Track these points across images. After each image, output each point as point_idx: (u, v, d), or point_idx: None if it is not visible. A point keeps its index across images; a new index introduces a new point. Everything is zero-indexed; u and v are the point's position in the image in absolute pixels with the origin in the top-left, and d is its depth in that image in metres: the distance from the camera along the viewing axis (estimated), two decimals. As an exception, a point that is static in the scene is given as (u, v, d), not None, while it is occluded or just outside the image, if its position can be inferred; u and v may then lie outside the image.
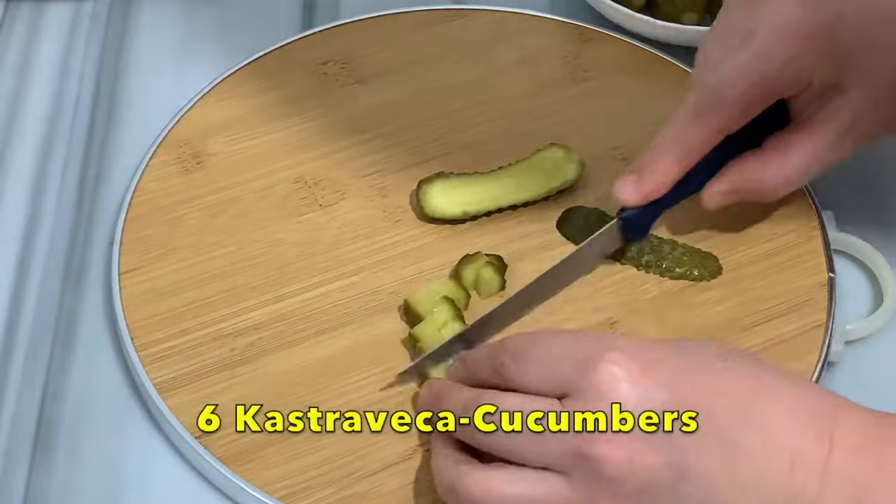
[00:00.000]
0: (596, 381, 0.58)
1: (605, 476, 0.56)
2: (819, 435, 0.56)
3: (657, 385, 0.57)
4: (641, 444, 0.56)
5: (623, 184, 0.71)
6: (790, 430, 0.56)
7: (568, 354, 0.59)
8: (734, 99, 0.68)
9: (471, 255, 0.73)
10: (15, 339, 0.72)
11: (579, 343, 0.60)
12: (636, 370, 0.58)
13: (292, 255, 0.74)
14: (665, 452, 0.56)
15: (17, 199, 0.78)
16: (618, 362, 0.58)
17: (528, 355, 0.61)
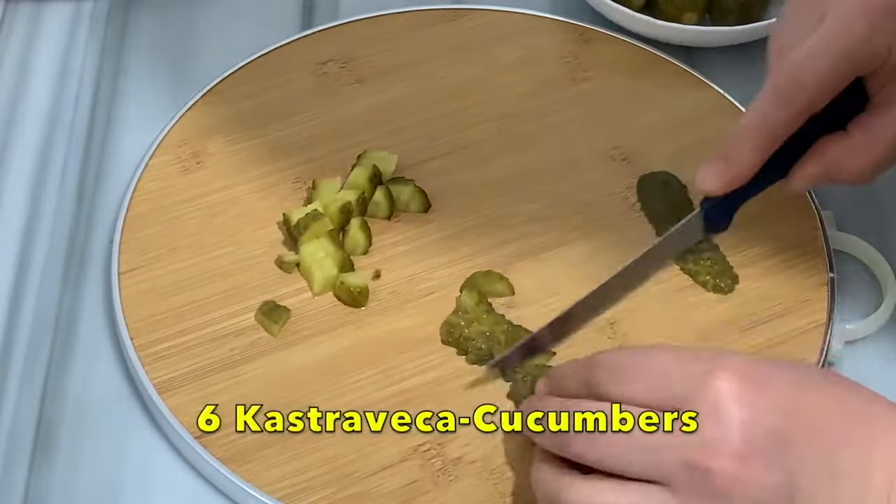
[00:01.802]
0: (710, 397, 0.57)
1: (715, 490, 0.56)
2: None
3: (770, 407, 0.57)
4: (754, 460, 0.56)
5: (707, 171, 0.69)
6: (892, 456, 0.56)
7: (676, 369, 0.59)
8: (815, 79, 0.67)
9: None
10: (15, 339, 0.72)
11: (685, 358, 0.59)
12: (749, 388, 0.57)
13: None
14: (777, 471, 0.56)
15: (17, 198, 0.78)
16: (732, 380, 0.57)
17: (628, 370, 0.60)
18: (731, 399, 0.57)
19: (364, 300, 0.72)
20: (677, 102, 0.83)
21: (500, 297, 0.72)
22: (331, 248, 0.73)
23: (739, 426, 0.56)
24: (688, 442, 0.57)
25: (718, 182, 0.69)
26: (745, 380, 0.57)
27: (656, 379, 0.59)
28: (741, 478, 0.56)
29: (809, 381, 0.59)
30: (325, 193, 0.75)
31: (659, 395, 0.58)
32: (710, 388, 0.57)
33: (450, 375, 0.69)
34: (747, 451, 0.56)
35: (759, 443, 0.56)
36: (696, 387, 0.57)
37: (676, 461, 0.57)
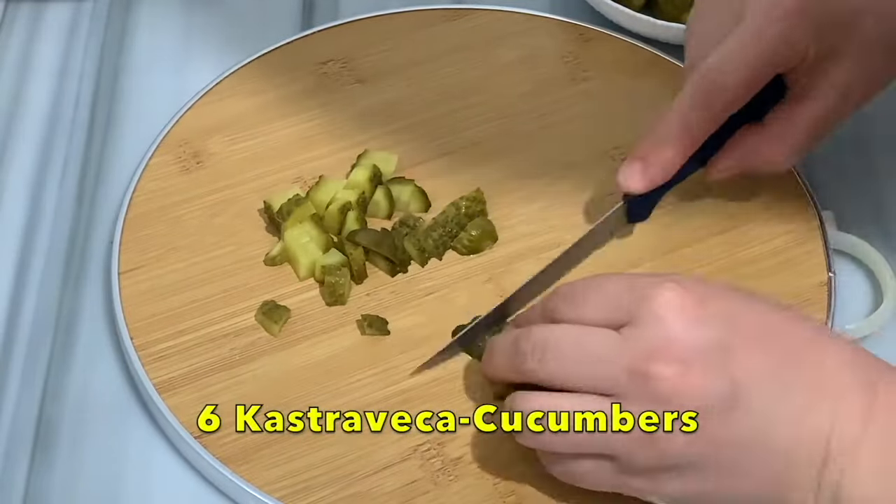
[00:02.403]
0: (654, 308, 0.58)
1: (658, 395, 0.57)
2: (865, 384, 0.57)
3: (713, 317, 0.58)
4: (696, 366, 0.57)
5: (628, 172, 0.72)
6: (838, 375, 0.57)
7: (625, 288, 0.60)
8: (734, 82, 0.69)
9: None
10: (15, 339, 0.72)
11: (635, 279, 0.61)
12: (693, 299, 0.58)
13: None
14: (719, 378, 0.57)
15: (17, 198, 0.78)
16: (676, 291, 0.58)
17: (582, 295, 0.61)
18: (674, 308, 0.58)
19: (340, 287, 0.72)
20: (677, 102, 0.83)
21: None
22: (314, 231, 0.73)
23: (679, 333, 0.57)
24: (631, 350, 0.58)
25: (640, 183, 0.72)
26: (688, 292, 0.58)
27: (607, 297, 0.60)
28: (683, 383, 0.57)
29: (756, 303, 0.60)
30: (324, 191, 0.75)
31: (608, 312, 0.60)
32: (655, 299, 0.58)
33: (450, 375, 0.69)
34: (689, 357, 0.57)
35: (699, 349, 0.57)
36: (642, 298, 0.59)
37: (620, 369, 0.58)
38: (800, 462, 0.57)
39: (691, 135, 0.71)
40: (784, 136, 0.72)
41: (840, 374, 0.57)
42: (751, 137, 0.72)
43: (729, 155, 0.72)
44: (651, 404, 0.57)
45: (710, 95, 0.69)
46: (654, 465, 0.58)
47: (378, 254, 0.73)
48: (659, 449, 0.58)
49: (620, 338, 0.58)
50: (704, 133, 0.71)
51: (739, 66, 0.69)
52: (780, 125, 0.72)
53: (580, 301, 0.61)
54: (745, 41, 0.68)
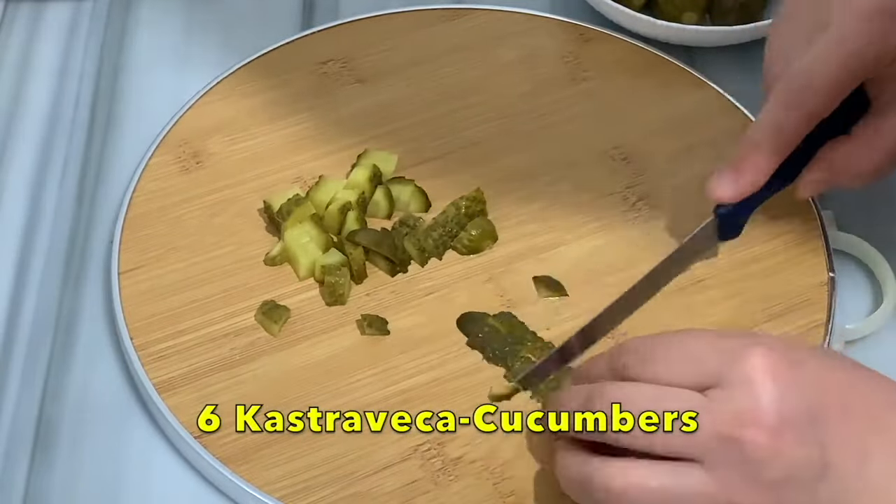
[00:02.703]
0: (745, 371, 0.57)
1: (748, 460, 0.56)
2: None
3: (804, 383, 0.57)
4: (787, 433, 0.56)
5: (719, 180, 0.70)
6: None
7: (709, 349, 0.59)
8: (824, 84, 0.68)
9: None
10: (15, 339, 0.72)
11: (719, 338, 0.59)
12: (784, 365, 0.57)
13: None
14: (809, 445, 0.56)
15: (17, 198, 0.78)
16: (766, 355, 0.57)
17: (656, 353, 0.59)
18: (764, 373, 0.57)
19: (339, 287, 0.71)
20: (677, 102, 0.83)
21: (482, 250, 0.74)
22: (314, 231, 0.73)
23: (773, 399, 0.56)
24: (721, 415, 0.56)
25: (732, 191, 0.70)
26: (779, 356, 0.57)
27: (688, 357, 0.59)
28: (774, 449, 0.56)
29: (839, 363, 0.59)
30: (324, 191, 0.75)
31: (690, 373, 0.58)
32: (745, 363, 0.57)
33: (450, 375, 0.69)
34: (780, 423, 0.56)
35: (792, 416, 0.56)
36: (730, 362, 0.57)
37: (709, 434, 0.56)
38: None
39: (782, 139, 0.70)
40: (873, 147, 0.71)
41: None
42: (839, 150, 0.71)
43: (818, 168, 0.71)
44: (741, 472, 0.56)
45: (800, 98, 0.68)
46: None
47: (378, 254, 0.73)
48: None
49: (707, 401, 0.57)
50: (795, 137, 0.70)
51: (828, 68, 0.68)
52: (868, 136, 0.71)
53: (658, 360, 0.59)
54: (833, 44, 0.68)
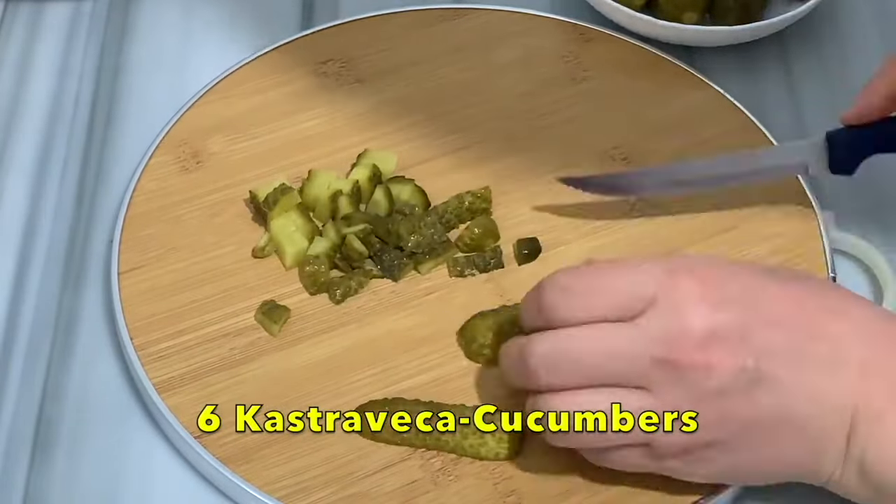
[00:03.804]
0: (672, 295, 0.58)
1: (684, 379, 0.58)
2: (887, 348, 0.58)
3: (731, 298, 0.59)
4: (716, 345, 0.58)
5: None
6: (858, 342, 0.58)
7: (634, 279, 0.60)
8: None
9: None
10: (14, 339, 0.72)
11: (642, 265, 0.61)
12: (712, 284, 0.59)
13: (292, 255, 0.74)
14: (742, 356, 0.58)
15: (17, 198, 0.78)
16: (693, 277, 0.59)
17: (580, 287, 0.60)
18: (692, 296, 0.58)
19: (321, 276, 0.72)
20: (677, 102, 0.83)
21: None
22: (300, 221, 0.73)
23: (700, 317, 0.58)
24: (652, 339, 0.58)
25: (851, 112, 0.72)
26: (704, 277, 0.59)
27: (614, 289, 0.60)
28: (707, 365, 0.58)
29: (770, 277, 0.61)
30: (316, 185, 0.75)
31: (618, 305, 0.59)
32: (672, 288, 0.59)
33: (450, 375, 0.69)
34: (710, 338, 0.58)
35: (720, 329, 0.58)
36: (656, 289, 0.59)
37: (645, 361, 0.58)
38: (826, 434, 0.58)
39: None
40: None
41: (859, 343, 0.58)
42: None
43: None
44: (681, 390, 0.58)
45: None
46: (686, 447, 0.60)
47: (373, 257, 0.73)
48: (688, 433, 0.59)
49: (640, 329, 0.59)
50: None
51: None
52: None
53: (583, 295, 0.60)
54: None
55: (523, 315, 0.63)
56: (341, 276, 0.73)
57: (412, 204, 0.75)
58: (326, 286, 0.72)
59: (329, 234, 0.73)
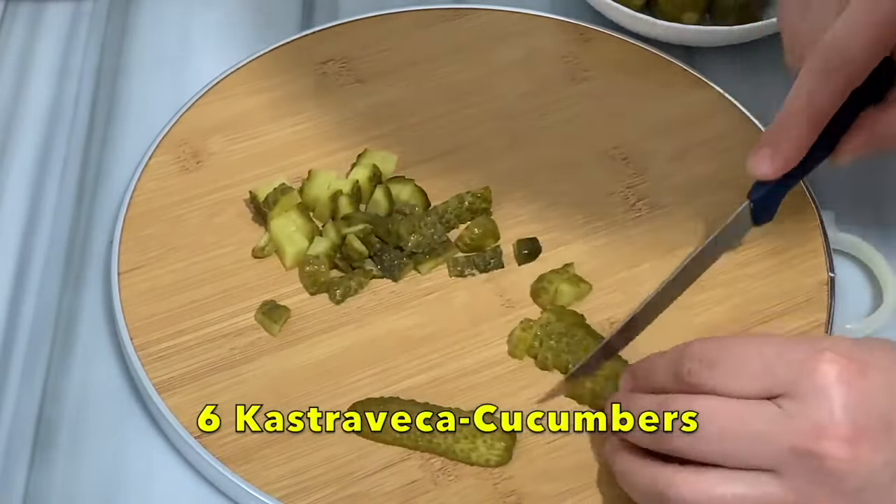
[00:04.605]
0: (816, 381, 0.57)
1: (825, 473, 0.56)
2: None
3: (876, 388, 0.57)
4: (863, 442, 0.56)
5: (757, 158, 0.69)
6: None
7: (776, 356, 0.58)
8: (860, 52, 0.67)
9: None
10: (14, 339, 0.72)
11: (785, 345, 0.59)
12: (854, 370, 0.57)
13: (292, 255, 0.74)
14: (886, 450, 0.56)
15: (17, 198, 0.78)
16: (836, 362, 0.57)
17: (725, 360, 0.59)
18: (836, 382, 0.56)
19: (321, 275, 0.72)
20: (677, 102, 0.83)
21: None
22: (300, 221, 0.73)
23: (847, 409, 0.56)
24: (796, 427, 0.56)
25: (771, 167, 0.69)
26: (849, 363, 0.57)
27: (758, 366, 0.58)
28: (851, 460, 0.56)
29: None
30: (316, 185, 0.75)
31: (762, 383, 0.58)
32: (815, 372, 0.57)
33: (450, 375, 0.69)
34: (856, 434, 0.56)
35: (867, 425, 0.56)
36: (800, 372, 0.57)
37: (785, 448, 0.56)
38: None
39: (818, 110, 0.68)
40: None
41: None
42: (875, 116, 0.70)
43: (857, 136, 0.70)
44: (818, 483, 0.56)
45: (833, 65, 0.67)
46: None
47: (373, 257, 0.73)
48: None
49: (782, 413, 0.57)
50: (831, 108, 0.69)
51: (862, 35, 0.67)
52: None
53: (726, 368, 0.59)
54: (863, 10, 0.67)
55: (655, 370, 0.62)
56: (341, 276, 0.73)
57: (412, 204, 0.75)
58: (326, 286, 0.72)
59: (329, 234, 0.73)
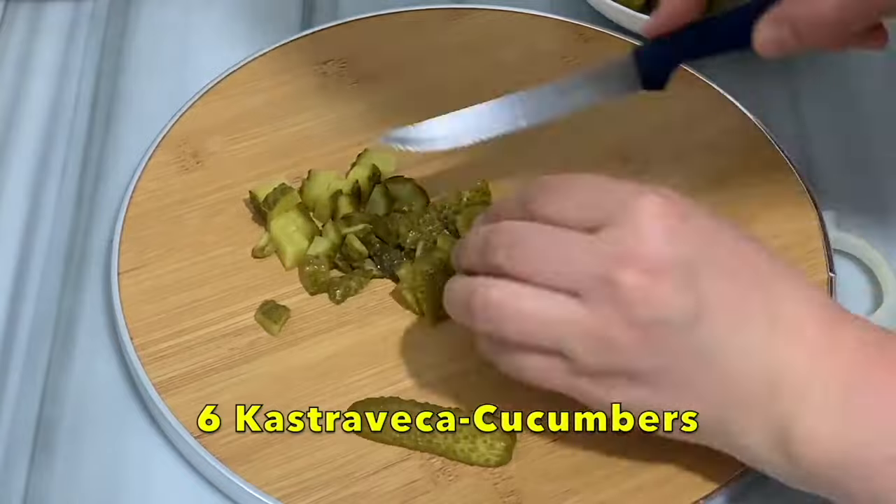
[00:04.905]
0: (634, 214, 0.58)
1: (620, 300, 0.57)
2: (823, 323, 0.58)
3: (690, 234, 0.58)
4: (664, 280, 0.57)
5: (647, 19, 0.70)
6: (798, 310, 0.58)
7: (608, 190, 0.60)
8: None
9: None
10: (14, 339, 0.72)
11: (618, 184, 0.60)
12: (675, 214, 0.58)
13: (292, 255, 0.74)
14: (685, 295, 0.57)
15: (17, 198, 0.78)
16: (657, 202, 0.58)
17: (562, 190, 0.61)
18: (652, 219, 0.58)
19: (321, 275, 0.72)
20: (677, 102, 0.82)
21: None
22: (300, 220, 0.73)
23: (655, 246, 0.58)
24: (603, 254, 0.58)
25: (651, 21, 0.69)
26: (672, 205, 0.59)
27: (589, 195, 0.60)
28: (648, 293, 0.57)
29: (729, 226, 0.61)
30: (317, 185, 0.75)
31: (588, 211, 0.59)
32: (635, 206, 0.58)
33: (450, 375, 0.69)
34: (658, 269, 0.57)
35: (672, 265, 0.57)
36: (624, 203, 0.59)
37: (590, 273, 0.58)
38: (749, 392, 0.58)
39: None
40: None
41: (798, 311, 0.58)
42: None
43: (772, 19, 0.66)
44: (614, 309, 0.57)
45: None
46: (604, 368, 0.59)
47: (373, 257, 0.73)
48: (612, 352, 0.58)
49: (594, 240, 0.58)
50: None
51: None
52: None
53: (561, 195, 0.60)
54: None
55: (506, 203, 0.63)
56: (341, 276, 0.73)
57: (410, 202, 0.75)
58: (326, 286, 0.72)
59: (329, 234, 0.73)
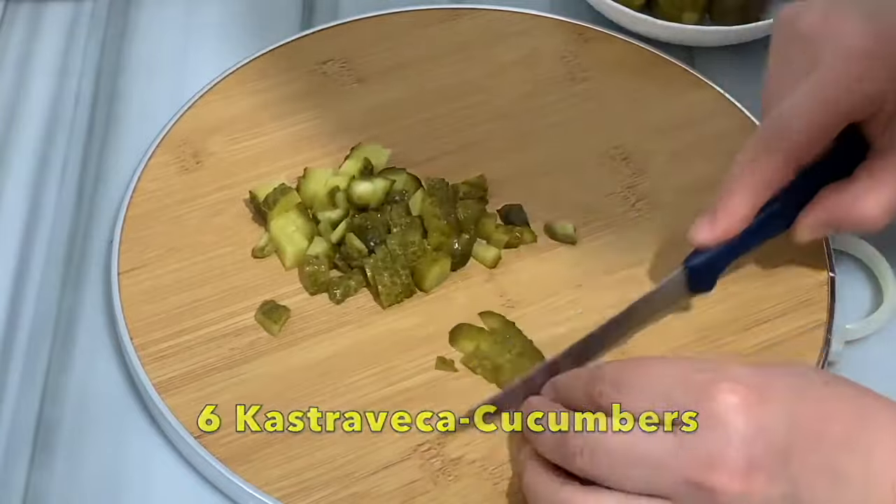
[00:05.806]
0: (713, 410, 0.57)
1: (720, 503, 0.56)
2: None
3: (774, 416, 0.57)
4: (757, 475, 0.56)
5: (697, 225, 0.69)
6: (893, 456, 0.56)
7: (679, 380, 0.58)
8: (802, 126, 0.67)
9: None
10: (14, 339, 0.72)
11: (690, 370, 0.59)
12: (751, 401, 0.57)
13: (292, 255, 0.74)
14: (780, 483, 0.56)
15: (17, 198, 0.78)
16: (734, 392, 0.57)
17: (631, 383, 0.59)
18: (733, 413, 0.57)
19: (321, 275, 0.72)
20: (677, 102, 0.83)
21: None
22: (300, 221, 0.73)
23: (742, 441, 0.56)
24: (691, 458, 0.57)
25: (708, 234, 0.68)
26: (747, 392, 0.57)
27: (659, 390, 0.59)
28: (743, 493, 0.56)
29: (809, 387, 0.59)
30: (313, 182, 0.75)
31: (662, 407, 0.58)
32: (713, 401, 0.57)
33: (450, 375, 0.69)
34: (750, 466, 0.56)
35: (762, 457, 0.56)
36: (698, 398, 0.57)
37: (679, 478, 0.57)
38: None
39: (760, 183, 0.68)
40: (872, 192, 0.68)
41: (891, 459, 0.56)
42: (837, 194, 0.68)
43: (816, 211, 0.69)
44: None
45: (777, 139, 0.67)
46: None
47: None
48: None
49: (677, 442, 0.57)
50: (773, 181, 0.68)
51: (807, 111, 0.66)
52: (867, 180, 0.68)
53: (631, 390, 0.59)
54: (814, 86, 0.66)
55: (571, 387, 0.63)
56: (341, 276, 0.73)
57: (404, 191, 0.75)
58: (326, 286, 0.72)
59: (325, 227, 0.73)
